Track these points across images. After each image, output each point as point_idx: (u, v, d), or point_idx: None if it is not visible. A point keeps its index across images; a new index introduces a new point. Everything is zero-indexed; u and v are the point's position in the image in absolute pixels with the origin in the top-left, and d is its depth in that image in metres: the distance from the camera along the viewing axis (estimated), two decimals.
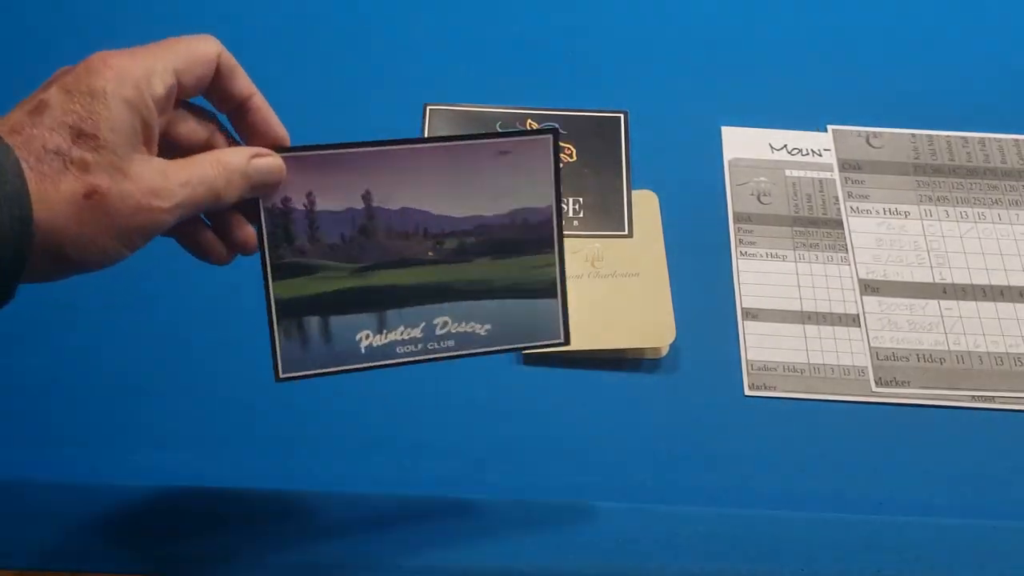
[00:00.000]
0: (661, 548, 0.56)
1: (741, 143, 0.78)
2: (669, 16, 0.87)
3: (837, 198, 0.75)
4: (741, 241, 0.73)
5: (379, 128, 0.75)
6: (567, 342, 0.53)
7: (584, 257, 0.69)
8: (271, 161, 0.46)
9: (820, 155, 0.78)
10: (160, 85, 0.41)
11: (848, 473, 0.62)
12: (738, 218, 0.74)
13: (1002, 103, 0.81)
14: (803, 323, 0.68)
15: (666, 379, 0.65)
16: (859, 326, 0.68)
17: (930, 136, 0.79)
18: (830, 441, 0.63)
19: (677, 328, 0.65)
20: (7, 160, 0.38)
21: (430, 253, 0.50)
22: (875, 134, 0.79)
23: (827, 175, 0.77)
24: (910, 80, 0.82)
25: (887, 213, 0.74)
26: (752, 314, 0.69)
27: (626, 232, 0.70)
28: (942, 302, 0.70)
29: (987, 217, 0.74)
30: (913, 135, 0.79)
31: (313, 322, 0.49)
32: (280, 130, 0.47)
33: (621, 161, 0.74)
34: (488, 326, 0.52)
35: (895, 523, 0.57)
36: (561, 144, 0.73)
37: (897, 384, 0.66)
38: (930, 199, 0.75)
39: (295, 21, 0.84)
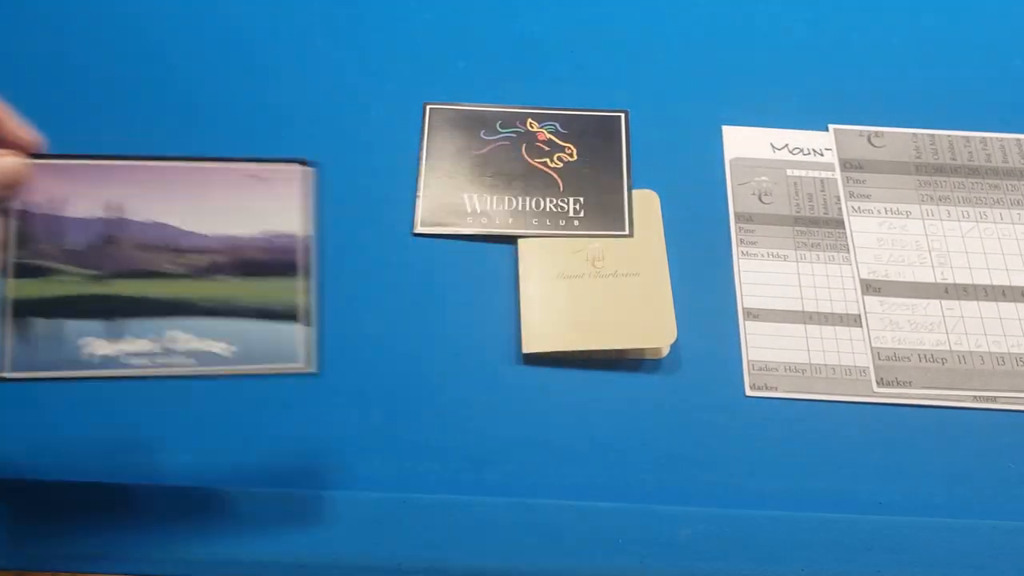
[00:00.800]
0: (661, 548, 0.56)
1: (742, 142, 0.78)
2: (669, 16, 0.86)
3: (838, 198, 0.75)
4: (742, 241, 0.72)
5: (379, 127, 0.76)
6: (312, 369, 0.51)
7: (585, 257, 0.69)
8: (13, 161, 0.47)
9: (821, 154, 0.78)
10: None
11: (848, 473, 0.61)
12: (739, 218, 0.74)
13: (1003, 102, 0.81)
14: (804, 323, 0.68)
15: (666, 379, 0.65)
16: (860, 326, 0.68)
17: (931, 135, 0.79)
18: (831, 441, 0.63)
19: (677, 328, 0.65)
20: None
21: (176, 267, 0.50)
22: (876, 133, 0.79)
23: (828, 174, 0.76)
24: (911, 79, 0.82)
25: (888, 213, 0.74)
26: (753, 314, 0.69)
27: (627, 232, 0.70)
28: (944, 302, 0.70)
29: (989, 217, 0.74)
30: (914, 134, 0.79)
31: (43, 324, 0.49)
32: (25, 134, 0.48)
33: (621, 160, 0.74)
34: (230, 346, 0.50)
35: (895, 523, 0.57)
36: (561, 143, 0.74)
37: (898, 384, 0.66)
38: (932, 199, 0.75)
39: (294, 19, 0.84)
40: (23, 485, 0.57)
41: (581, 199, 0.71)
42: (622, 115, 0.76)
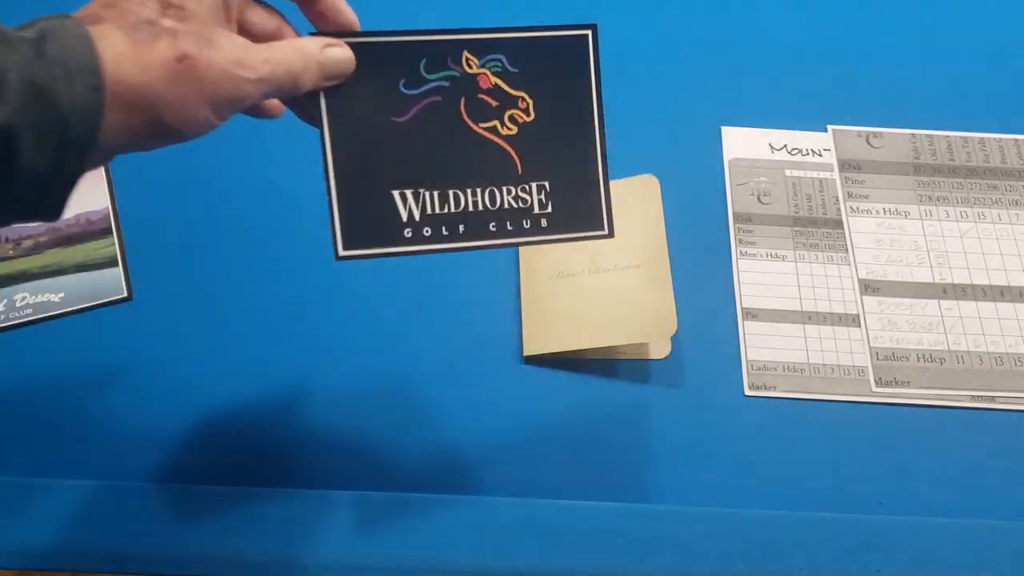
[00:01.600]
0: (661, 548, 0.56)
1: (741, 143, 0.78)
2: (669, 16, 0.86)
3: (837, 198, 0.75)
4: (741, 241, 0.73)
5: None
6: (128, 295, 0.67)
7: (584, 251, 0.67)
8: (343, 53, 0.48)
9: (820, 155, 0.78)
10: None
11: (848, 473, 0.62)
12: (738, 218, 0.74)
13: (1002, 103, 0.81)
14: (803, 323, 0.68)
15: (666, 379, 0.65)
16: (859, 326, 0.68)
17: (930, 136, 0.79)
18: (830, 441, 0.63)
19: (678, 327, 0.65)
20: (77, 35, 0.39)
21: (11, 252, 0.69)
22: (875, 134, 0.79)
23: (827, 175, 0.77)
24: (910, 80, 0.82)
25: (887, 213, 0.74)
26: (752, 314, 0.69)
27: (605, 231, 0.53)
28: (942, 302, 0.70)
29: (987, 217, 0.74)
30: (913, 135, 0.79)
31: None
32: (349, 15, 0.49)
33: (592, 116, 0.54)
34: (61, 294, 0.68)
35: (895, 523, 0.57)
36: (512, 92, 0.52)
37: (897, 384, 0.66)
38: (930, 199, 0.75)
39: None
40: None
41: (547, 185, 0.52)
42: (588, 33, 0.55)
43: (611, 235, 0.52)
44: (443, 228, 0.50)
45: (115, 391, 0.64)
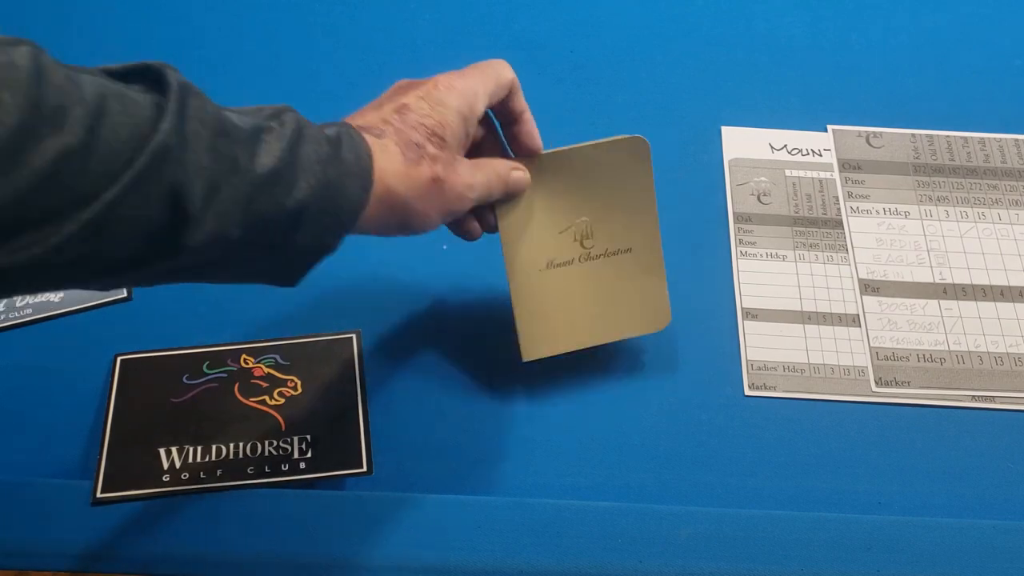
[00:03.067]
0: (661, 548, 0.56)
1: (741, 143, 0.78)
2: (669, 16, 0.87)
3: (837, 198, 0.75)
4: (741, 241, 0.73)
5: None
6: (128, 295, 0.68)
7: (573, 236, 0.62)
8: (523, 176, 0.58)
9: (820, 155, 0.78)
10: (481, 106, 0.54)
11: (848, 473, 0.62)
12: (738, 218, 0.74)
13: (1002, 103, 0.81)
14: (803, 323, 0.68)
15: (666, 379, 0.65)
16: (859, 326, 0.68)
17: (930, 136, 0.79)
18: (830, 441, 0.63)
19: (678, 327, 0.65)
20: (363, 145, 0.49)
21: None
22: (875, 134, 0.79)
23: (827, 175, 0.77)
24: (910, 80, 0.82)
25: (887, 213, 0.74)
26: (752, 314, 0.69)
27: (364, 468, 0.59)
28: (942, 302, 0.70)
29: (987, 217, 0.74)
30: (913, 135, 0.79)
31: None
32: (538, 142, 0.58)
33: (355, 387, 0.62)
34: (61, 294, 0.68)
35: (895, 523, 0.57)
36: (283, 376, 0.63)
37: (897, 384, 0.66)
38: (930, 199, 0.75)
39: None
40: None
41: (308, 437, 0.60)
42: (353, 336, 0.65)
43: (370, 473, 0.59)
44: (200, 473, 0.58)
45: None
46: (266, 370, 0.63)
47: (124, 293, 0.68)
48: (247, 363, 0.63)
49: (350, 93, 0.79)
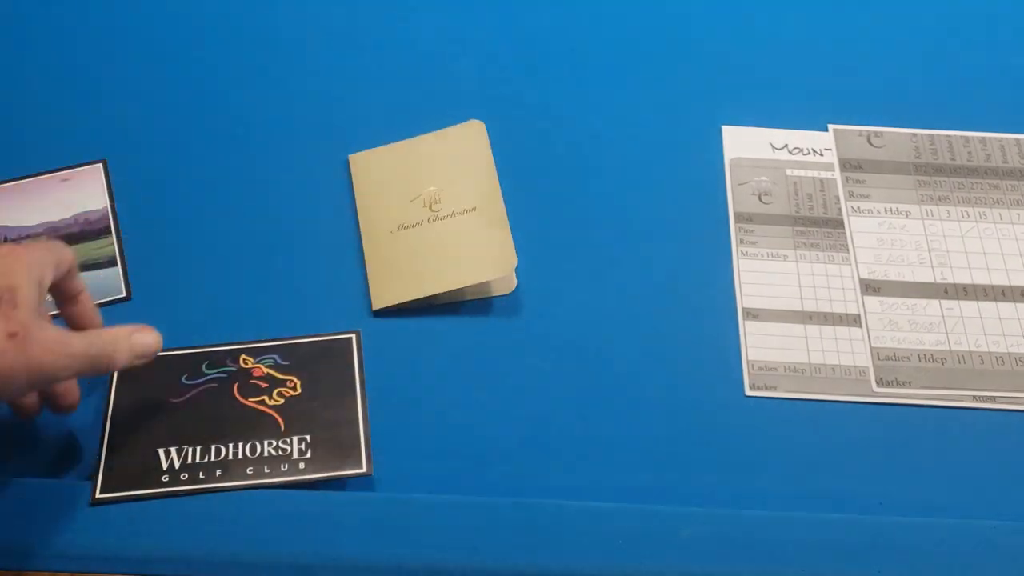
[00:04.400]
0: (661, 548, 0.56)
1: (742, 142, 0.78)
2: (669, 16, 0.86)
3: (838, 197, 0.75)
4: (742, 241, 0.73)
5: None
6: (127, 295, 0.68)
7: (422, 203, 0.71)
8: (150, 338, 0.57)
9: (821, 154, 0.78)
10: (49, 279, 0.54)
11: (848, 473, 0.61)
12: (739, 218, 0.74)
13: (1003, 102, 0.81)
14: (804, 323, 0.68)
15: (666, 379, 0.65)
16: (860, 326, 0.68)
17: (931, 135, 0.79)
18: (830, 441, 0.63)
19: (678, 327, 0.65)
20: None
21: None
22: (876, 133, 0.79)
23: (828, 174, 0.76)
24: (911, 79, 0.82)
25: (888, 213, 0.74)
26: (753, 314, 0.69)
27: (364, 469, 0.58)
28: (943, 302, 0.70)
29: (988, 217, 0.74)
30: (914, 134, 0.79)
31: None
32: (98, 319, 0.59)
33: (355, 387, 0.62)
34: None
35: (895, 523, 0.57)
36: (282, 376, 0.62)
37: (898, 384, 0.66)
38: (931, 199, 0.75)
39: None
40: None
41: (307, 438, 0.60)
42: (352, 336, 0.65)
43: (369, 474, 0.59)
44: (199, 474, 0.58)
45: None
46: (265, 370, 0.63)
47: (124, 293, 0.68)
48: (246, 363, 0.63)
49: (350, 93, 0.80)
